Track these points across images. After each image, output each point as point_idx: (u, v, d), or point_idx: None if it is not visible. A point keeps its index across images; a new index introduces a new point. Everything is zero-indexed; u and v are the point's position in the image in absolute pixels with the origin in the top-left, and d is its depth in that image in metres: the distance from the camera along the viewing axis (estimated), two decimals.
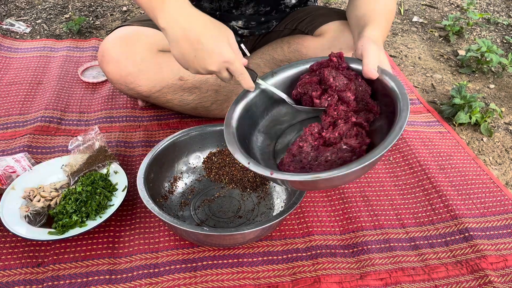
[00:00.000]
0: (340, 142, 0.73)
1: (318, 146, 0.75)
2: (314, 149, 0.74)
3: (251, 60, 1.17)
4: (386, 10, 0.91)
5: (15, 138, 1.12)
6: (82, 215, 0.86)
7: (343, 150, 0.73)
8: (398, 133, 0.66)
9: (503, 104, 1.44)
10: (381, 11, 0.90)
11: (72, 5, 1.92)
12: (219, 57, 0.75)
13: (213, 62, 0.76)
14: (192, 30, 0.75)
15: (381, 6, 0.92)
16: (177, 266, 0.83)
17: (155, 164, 0.92)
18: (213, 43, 0.75)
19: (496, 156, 1.22)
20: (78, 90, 1.34)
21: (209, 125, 1.01)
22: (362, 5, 0.94)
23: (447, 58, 1.70)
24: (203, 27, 0.76)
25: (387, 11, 0.92)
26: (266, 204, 0.96)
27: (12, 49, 1.53)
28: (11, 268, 0.81)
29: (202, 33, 0.75)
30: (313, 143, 0.75)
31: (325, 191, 1.01)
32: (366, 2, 0.94)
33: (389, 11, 0.93)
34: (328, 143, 0.74)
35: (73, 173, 0.97)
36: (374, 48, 0.76)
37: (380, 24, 0.87)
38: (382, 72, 0.75)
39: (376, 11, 0.90)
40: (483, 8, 2.14)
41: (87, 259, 0.84)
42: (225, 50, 0.75)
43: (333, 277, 0.82)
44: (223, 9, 1.12)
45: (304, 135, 0.75)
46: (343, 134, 0.74)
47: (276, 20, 1.16)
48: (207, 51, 0.75)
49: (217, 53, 0.75)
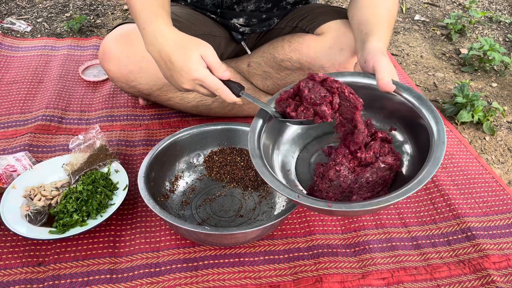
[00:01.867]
0: (377, 161, 0.73)
1: (355, 168, 0.74)
2: (351, 171, 0.74)
3: (252, 58, 1.17)
4: (389, 17, 0.91)
5: (16, 137, 1.12)
6: (83, 214, 0.86)
7: (382, 169, 0.73)
8: (437, 164, 0.64)
9: (506, 103, 1.43)
10: (384, 17, 0.89)
11: (73, 4, 1.91)
12: (189, 75, 0.77)
13: (185, 80, 0.78)
14: (163, 50, 0.78)
15: (384, 12, 0.91)
16: (178, 265, 0.83)
17: (156, 163, 0.92)
18: (182, 61, 0.76)
19: (498, 155, 1.21)
20: (79, 89, 1.33)
21: (210, 124, 1.01)
22: (365, 9, 0.93)
23: (449, 57, 1.70)
24: (173, 46, 0.78)
25: (390, 17, 0.91)
26: (268, 203, 0.95)
27: (13, 48, 1.53)
28: (11, 267, 0.81)
29: (171, 52, 0.77)
30: (349, 166, 0.74)
31: None
32: (368, 6, 0.93)
33: (392, 16, 0.92)
34: (364, 164, 0.74)
35: (74, 172, 0.97)
36: (386, 62, 0.75)
37: (384, 33, 0.86)
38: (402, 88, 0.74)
39: (379, 17, 0.89)
40: (485, 6, 2.13)
41: (88, 258, 0.83)
42: (194, 68, 0.76)
43: (335, 277, 0.82)
44: (224, 5, 1.12)
45: (337, 159, 0.74)
46: (377, 152, 0.74)
47: (278, 17, 1.16)
48: (178, 70, 0.77)
49: (186, 72, 0.76)
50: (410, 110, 0.74)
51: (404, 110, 0.75)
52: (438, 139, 0.67)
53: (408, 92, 0.74)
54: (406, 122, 0.78)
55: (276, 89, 1.16)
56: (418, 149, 0.76)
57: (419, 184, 0.63)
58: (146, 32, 0.80)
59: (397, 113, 0.78)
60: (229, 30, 1.17)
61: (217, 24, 1.16)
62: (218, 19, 1.15)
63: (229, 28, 1.16)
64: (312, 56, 1.05)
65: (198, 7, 1.16)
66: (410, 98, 0.74)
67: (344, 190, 0.73)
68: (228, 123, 1.02)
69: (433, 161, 0.65)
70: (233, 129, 1.01)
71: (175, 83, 0.81)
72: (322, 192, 0.73)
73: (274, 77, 1.14)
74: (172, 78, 0.80)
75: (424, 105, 0.72)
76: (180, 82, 0.79)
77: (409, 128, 0.78)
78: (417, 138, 0.77)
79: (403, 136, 0.80)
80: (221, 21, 1.15)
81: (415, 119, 0.74)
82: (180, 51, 0.77)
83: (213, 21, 1.16)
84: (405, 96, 0.74)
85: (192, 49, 0.77)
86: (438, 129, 0.68)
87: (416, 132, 0.77)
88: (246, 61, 1.17)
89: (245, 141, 1.01)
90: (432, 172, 0.63)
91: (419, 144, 0.76)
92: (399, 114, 0.78)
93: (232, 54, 1.22)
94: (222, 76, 0.77)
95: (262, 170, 0.70)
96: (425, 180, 0.63)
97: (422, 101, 0.73)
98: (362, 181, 0.73)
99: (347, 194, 0.73)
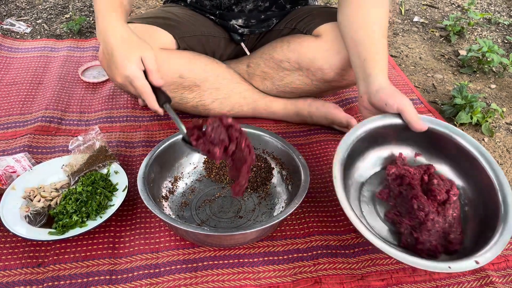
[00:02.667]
0: (449, 195, 0.81)
1: (437, 210, 0.79)
2: (437, 214, 0.79)
3: (251, 59, 1.17)
4: (383, 36, 0.92)
5: (15, 138, 1.12)
6: (82, 215, 0.86)
7: (456, 201, 0.81)
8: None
9: (504, 104, 1.44)
10: (380, 40, 0.91)
11: (73, 5, 1.92)
12: (123, 70, 0.82)
13: (118, 74, 0.84)
14: (109, 42, 0.85)
15: (377, 27, 0.92)
16: (178, 266, 0.83)
17: (155, 164, 0.92)
18: (122, 56, 0.83)
19: (497, 156, 1.21)
20: (78, 90, 1.33)
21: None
22: (358, 26, 0.94)
23: (448, 58, 1.70)
24: (119, 41, 0.84)
25: (384, 35, 0.93)
26: (267, 204, 0.96)
27: (12, 49, 1.53)
28: (11, 268, 0.81)
29: (116, 46, 0.84)
30: (434, 210, 0.79)
31: (325, 191, 1.01)
32: (360, 27, 0.93)
33: (385, 34, 0.94)
34: (441, 202, 0.81)
35: (74, 173, 0.97)
36: (407, 100, 0.81)
37: (385, 61, 0.89)
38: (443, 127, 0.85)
39: (374, 41, 0.91)
40: (484, 8, 2.13)
41: (87, 259, 0.83)
42: (131, 66, 0.82)
43: (334, 278, 0.82)
44: (223, 6, 1.12)
45: (425, 207, 0.78)
46: (443, 187, 0.82)
47: (276, 18, 1.16)
48: (115, 63, 0.84)
49: (122, 66, 0.82)
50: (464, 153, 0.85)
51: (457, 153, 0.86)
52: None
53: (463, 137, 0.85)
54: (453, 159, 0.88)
55: (276, 89, 1.16)
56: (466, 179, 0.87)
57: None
58: (99, 22, 0.87)
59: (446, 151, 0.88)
60: (228, 32, 1.17)
61: (216, 25, 1.16)
62: (217, 20, 1.15)
63: (228, 30, 1.16)
64: (310, 57, 1.06)
65: (197, 8, 1.16)
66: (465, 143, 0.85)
67: (441, 234, 0.79)
68: None
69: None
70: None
71: (110, 73, 0.88)
72: (425, 243, 0.77)
73: (273, 78, 1.14)
74: (109, 68, 0.87)
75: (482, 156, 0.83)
76: (114, 73, 0.85)
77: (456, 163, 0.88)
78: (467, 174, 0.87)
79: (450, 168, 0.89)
80: (220, 22, 1.15)
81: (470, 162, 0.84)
82: (124, 46, 0.84)
83: (212, 22, 1.16)
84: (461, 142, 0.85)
85: (134, 49, 0.84)
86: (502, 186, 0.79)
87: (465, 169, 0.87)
88: (246, 62, 1.18)
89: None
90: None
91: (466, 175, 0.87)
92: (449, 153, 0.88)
93: (231, 55, 1.22)
94: (155, 82, 0.83)
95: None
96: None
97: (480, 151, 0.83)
98: (449, 219, 0.80)
99: (445, 236, 0.79)
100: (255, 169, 1.00)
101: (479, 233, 0.79)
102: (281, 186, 0.98)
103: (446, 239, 0.79)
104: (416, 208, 0.79)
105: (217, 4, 1.12)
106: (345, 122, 1.15)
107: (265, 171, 1.00)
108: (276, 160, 0.99)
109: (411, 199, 0.80)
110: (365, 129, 0.83)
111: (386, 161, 0.90)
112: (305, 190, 0.84)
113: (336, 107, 1.18)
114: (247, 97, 1.16)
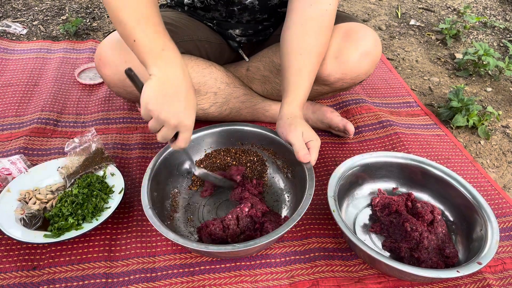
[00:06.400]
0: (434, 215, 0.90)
1: (428, 229, 0.87)
2: (430, 232, 0.86)
3: (251, 63, 1.17)
4: (311, 61, 0.95)
5: (11, 140, 1.11)
6: (78, 218, 0.85)
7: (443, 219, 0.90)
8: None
9: (500, 107, 1.44)
10: (307, 64, 0.95)
11: (69, 7, 1.91)
12: (185, 117, 0.76)
13: (175, 114, 0.75)
14: (180, 78, 0.76)
15: (306, 56, 0.95)
16: (175, 270, 0.82)
17: (154, 185, 0.87)
18: (193, 105, 0.77)
19: (493, 159, 1.22)
20: (74, 91, 1.33)
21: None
22: (289, 51, 0.96)
23: (444, 61, 1.71)
24: (191, 84, 0.78)
25: (312, 62, 0.95)
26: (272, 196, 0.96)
27: (8, 50, 1.52)
28: (6, 272, 0.80)
29: (188, 88, 0.77)
30: (426, 229, 0.86)
31: (322, 193, 1.01)
32: (295, 47, 0.95)
33: (320, 55, 0.97)
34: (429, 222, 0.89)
35: (70, 175, 0.96)
36: (295, 135, 0.87)
37: (302, 90, 0.94)
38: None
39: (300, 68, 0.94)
40: (479, 11, 2.15)
41: (83, 262, 0.83)
42: (193, 119, 0.78)
43: (331, 280, 0.82)
44: (217, 20, 1.12)
45: (418, 227, 0.86)
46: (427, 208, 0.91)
47: (273, 27, 1.16)
48: (181, 102, 0.75)
49: (187, 112, 0.76)
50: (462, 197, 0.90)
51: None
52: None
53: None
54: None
55: (275, 93, 1.16)
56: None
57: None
58: (166, 55, 0.77)
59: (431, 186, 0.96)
60: (225, 39, 1.17)
61: (214, 32, 1.15)
62: (215, 27, 1.15)
63: (225, 37, 1.16)
64: None
65: (194, 15, 1.16)
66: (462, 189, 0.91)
67: (437, 251, 0.84)
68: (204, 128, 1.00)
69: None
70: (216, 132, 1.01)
71: (163, 106, 0.74)
72: (427, 261, 0.82)
73: (273, 82, 1.14)
74: (166, 99, 0.75)
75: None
76: (169, 109, 0.75)
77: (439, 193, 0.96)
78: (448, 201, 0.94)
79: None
80: (218, 30, 1.15)
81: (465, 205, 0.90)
82: (193, 93, 0.78)
83: (210, 28, 1.15)
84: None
85: (195, 104, 0.79)
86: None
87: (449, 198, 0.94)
88: (245, 65, 1.17)
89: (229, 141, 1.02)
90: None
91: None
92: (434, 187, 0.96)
93: (230, 60, 1.22)
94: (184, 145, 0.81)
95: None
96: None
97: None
98: (441, 236, 0.86)
99: (441, 252, 0.84)
100: (249, 164, 1.00)
101: (468, 244, 0.86)
102: (279, 175, 0.99)
103: (443, 255, 0.84)
104: (409, 230, 0.86)
105: (213, 16, 1.12)
106: (341, 126, 1.15)
107: (259, 164, 1.00)
108: (267, 151, 1.00)
109: (403, 224, 0.87)
110: (343, 170, 0.92)
111: (369, 198, 0.98)
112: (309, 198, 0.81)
113: (332, 111, 1.18)
114: (245, 101, 1.15)
